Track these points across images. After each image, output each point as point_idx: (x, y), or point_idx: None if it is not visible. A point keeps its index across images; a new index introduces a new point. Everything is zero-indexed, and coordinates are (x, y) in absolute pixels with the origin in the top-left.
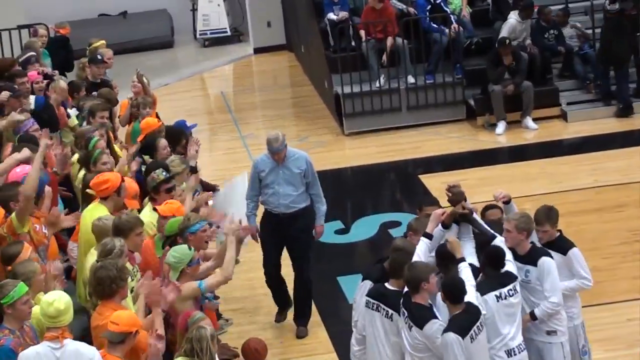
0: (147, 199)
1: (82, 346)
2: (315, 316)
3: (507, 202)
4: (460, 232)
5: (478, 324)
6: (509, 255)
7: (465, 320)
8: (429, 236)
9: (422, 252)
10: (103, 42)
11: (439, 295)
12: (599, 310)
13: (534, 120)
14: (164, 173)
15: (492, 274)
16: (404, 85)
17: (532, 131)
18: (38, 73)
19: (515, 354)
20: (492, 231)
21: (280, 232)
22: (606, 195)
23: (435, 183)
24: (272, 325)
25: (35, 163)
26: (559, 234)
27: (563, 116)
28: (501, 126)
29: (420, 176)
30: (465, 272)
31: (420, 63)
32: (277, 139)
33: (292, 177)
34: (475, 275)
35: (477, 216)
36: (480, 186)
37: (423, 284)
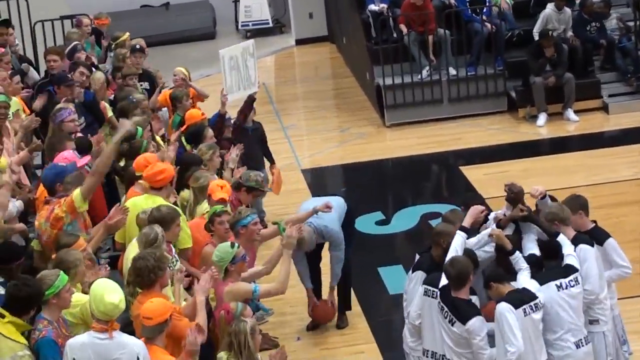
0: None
1: (129, 339)
2: (355, 306)
3: (543, 197)
4: (522, 228)
5: (532, 303)
6: (570, 249)
7: (518, 296)
8: (466, 230)
9: (459, 245)
10: (128, 34)
11: None
12: (638, 302)
13: (576, 112)
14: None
15: (552, 265)
16: (445, 77)
17: (574, 123)
18: (86, 58)
19: (582, 345)
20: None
21: None
22: None
23: (476, 175)
24: None
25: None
26: (594, 224)
27: (604, 108)
28: (542, 118)
29: (461, 168)
30: (519, 263)
31: (462, 55)
32: (303, 243)
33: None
34: (537, 265)
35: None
36: (522, 178)
37: (471, 276)
